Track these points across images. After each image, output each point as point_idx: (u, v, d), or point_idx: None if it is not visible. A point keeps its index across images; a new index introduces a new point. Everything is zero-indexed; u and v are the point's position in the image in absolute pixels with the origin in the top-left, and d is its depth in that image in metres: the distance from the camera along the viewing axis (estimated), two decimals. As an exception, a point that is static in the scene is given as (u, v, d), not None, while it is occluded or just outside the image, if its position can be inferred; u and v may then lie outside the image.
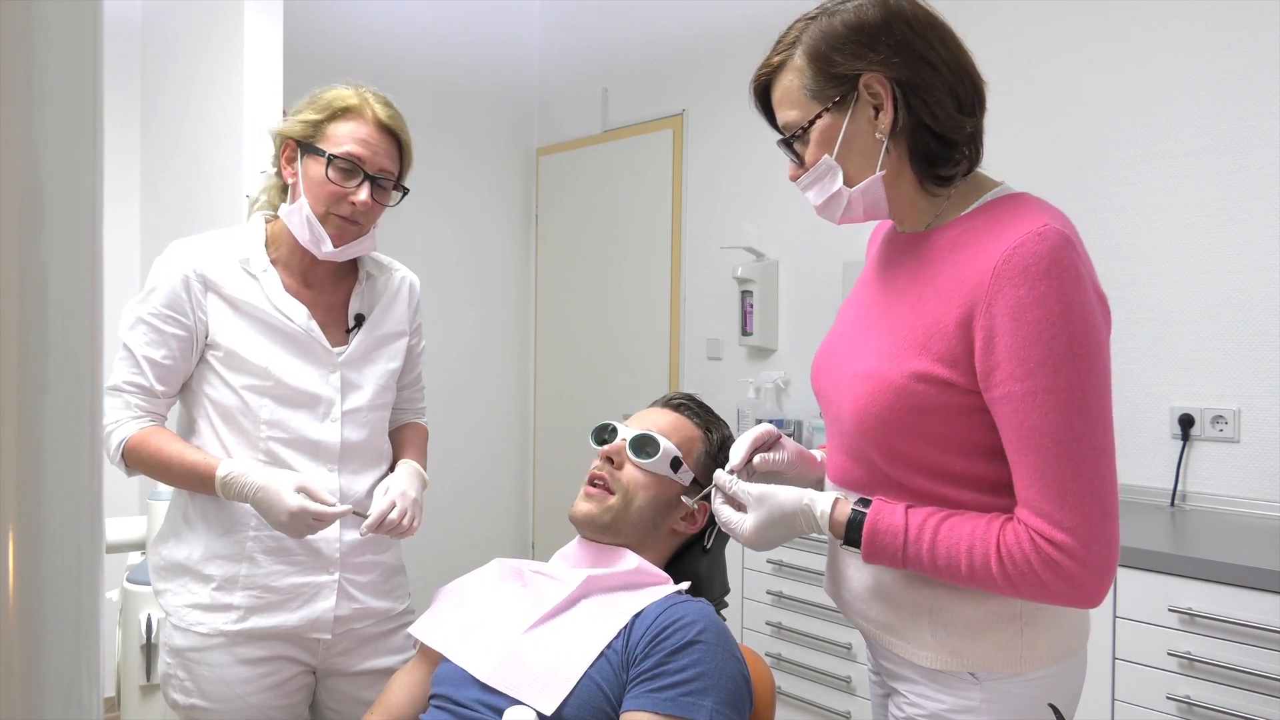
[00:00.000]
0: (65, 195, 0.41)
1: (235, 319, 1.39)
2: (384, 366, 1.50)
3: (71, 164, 0.41)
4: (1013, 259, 0.92)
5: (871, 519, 1.01)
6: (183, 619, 1.38)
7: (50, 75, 0.40)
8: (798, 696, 2.39)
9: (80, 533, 0.42)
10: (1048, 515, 0.92)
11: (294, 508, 1.28)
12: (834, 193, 1.06)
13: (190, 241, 1.43)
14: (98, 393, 0.43)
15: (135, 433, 1.36)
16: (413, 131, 1.50)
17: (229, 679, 1.37)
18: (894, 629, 1.08)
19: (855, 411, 1.04)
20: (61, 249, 0.40)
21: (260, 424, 1.38)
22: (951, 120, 1.01)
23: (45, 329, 0.40)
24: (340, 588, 1.42)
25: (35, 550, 0.40)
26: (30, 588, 0.39)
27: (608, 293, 3.66)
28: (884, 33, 0.99)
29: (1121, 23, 2.28)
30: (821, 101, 1.03)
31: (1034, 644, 1.01)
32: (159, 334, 1.36)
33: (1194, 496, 2.14)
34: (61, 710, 0.41)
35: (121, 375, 1.37)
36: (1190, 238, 2.17)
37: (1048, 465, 0.92)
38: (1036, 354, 0.91)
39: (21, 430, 0.39)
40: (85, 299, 0.42)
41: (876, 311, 1.10)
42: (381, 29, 3.45)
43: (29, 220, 0.39)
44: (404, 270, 1.59)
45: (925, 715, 1.05)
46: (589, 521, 1.28)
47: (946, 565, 0.97)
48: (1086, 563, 0.91)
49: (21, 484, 0.39)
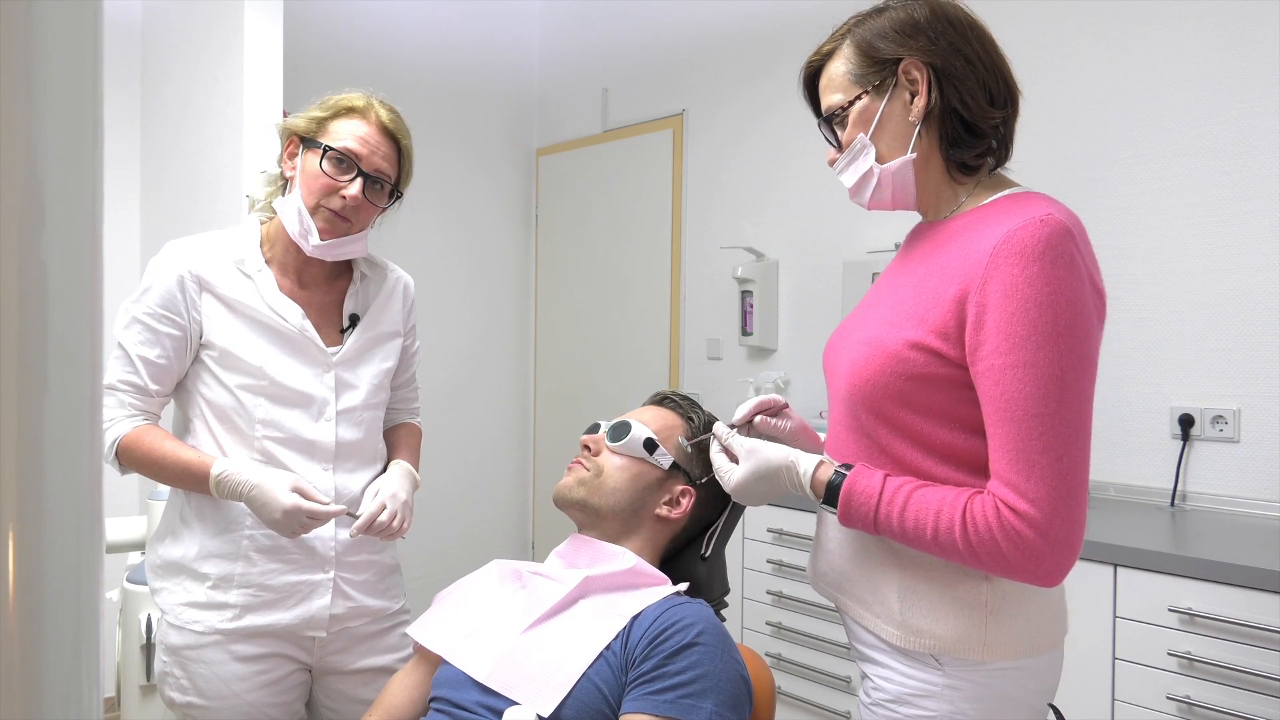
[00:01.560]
0: (65, 195, 0.41)
1: (230, 319, 1.40)
2: (378, 366, 1.51)
3: (71, 164, 0.41)
4: (1011, 240, 0.96)
5: (850, 481, 1.05)
6: (179, 617, 1.39)
7: (50, 75, 0.40)
8: (798, 696, 2.39)
9: (80, 533, 0.42)
10: (1014, 485, 0.95)
11: (288, 505, 1.30)
12: (866, 171, 1.13)
13: (185, 242, 1.44)
14: (98, 393, 0.43)
15: (129, 431, 1.37)
16: (413, 131, 1.51)
17: (225, 676, 1.38)
18: (864, 601, 1.11)
19: (850, 374, 1.09)
20: (61, 249, 0.40)
21: (255, 423, 1.39)
22: (981, 110, 1.08)
23: (45, 329, 0.40)
24: (336, 586, 1.43)
25: (35, 550, 0.40)
26: (30, 588, 0.39)
27: (608, 293, 3.66)
28: (926, 27, 1.08)
29: (1121, 23, 2.28)
30: (862, 85, 1.11)
31: (998, 633, 1.03)
32: (153, 333, 1.37)
33: (1194, 496, 2.14)
34: (61, 710, 0.41)
35: (115, 374, 1.38)
36: (1190, 238, 2.17)
37: (1020, 437, 0.95)
38: (1022, 329, 0.94)
39: (21, 430, 0.39)
40: (85, 299, 0.42)
41: (887, 290, 1.15)
42: (381, 29, 3.45)
43: (29, 220, 0.39)
44: (399, 271, 1.60)
45: (888, 698, 1.08)
46: (566, 493, 1.30)
47: (914, 529, 1.00)
48: (1046, 535, 0.94)
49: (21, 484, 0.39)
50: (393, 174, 1.46)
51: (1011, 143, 1.13)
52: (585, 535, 1.31)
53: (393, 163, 1.45)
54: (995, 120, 1.09)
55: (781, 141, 3.05)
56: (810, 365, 2.99)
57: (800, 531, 2.38)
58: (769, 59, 3.08)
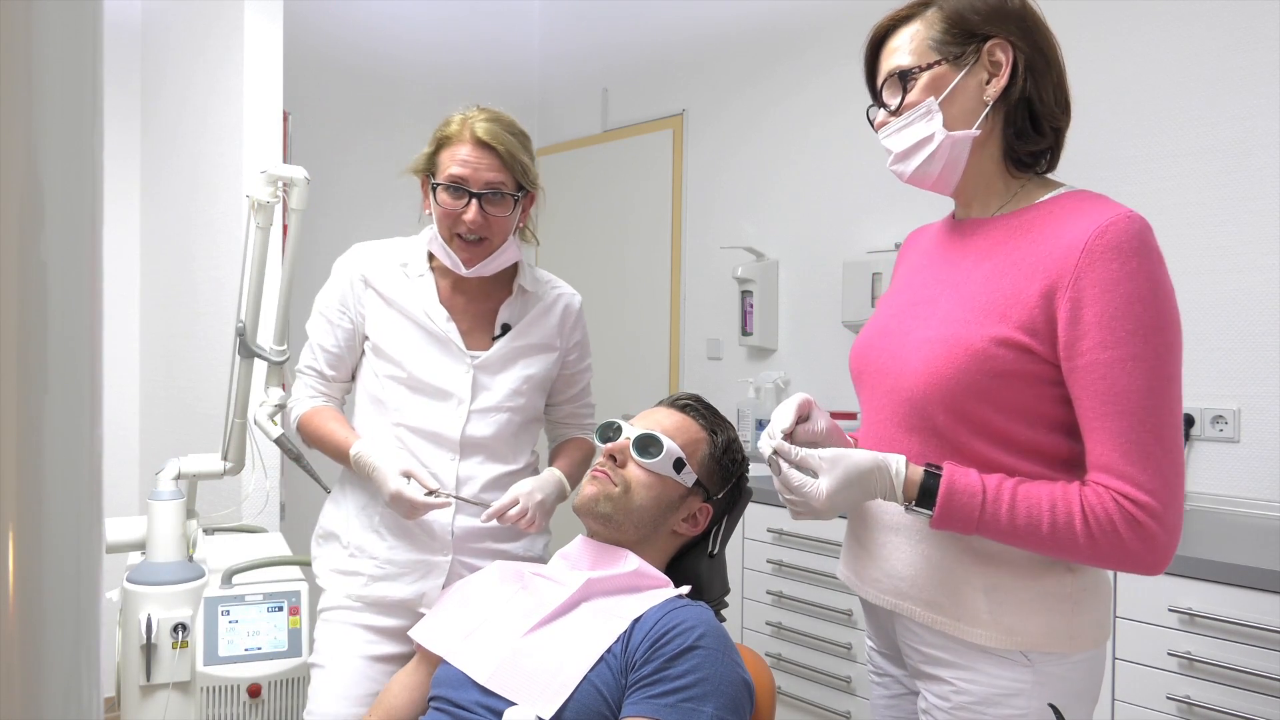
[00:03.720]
0: (65, 195, 0.41)
1: (386, 314, 1.55)
2: (520, 372, 1.58)
3: (71, 164, 0.41)
4: (1105, 235, 0.97)
5: (949, 479, 1.01)
6: (326, 581, 1.56)
7: (50, 75, 0.40)
8: (798, 696, 2.39)
9: (80, 533, 0.42)
10: (1130, 477, 0.96)
11: (393, 490, 1.41)
12: (926, 136, 1.09)
13: (366, 244, 1.62)
14: (98, 393, 0.43)
15: (306, 410, 1.58)
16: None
17: (346, 641, 1.50)
18: (942, 607, 1.07)
19: (926, 374, 1.05)
20: (61, 249, 0.40)
21: (393, 410, 1.53)
22: (1049, 109, 1.09)
23: (45, 329, 0.40)
24: (453, 569, 1.51)
25: (35, 550, 0.40)
26: (30, 588, 0.39)
27: (608, 293, 3.66)
28: (1019, 16, 1.09)
29: (1122, 23, 2.28)
30: (942, 53, 1.09)
31: (1081, 624, 1.03)
32: (330, 325, 1.57)
33: (1194, 496, 2.14)
34: (61, 710, 0.41)
35: (304, 360, 1.61)
36: (1190, 238, 2.17)
37: (1133, 429, 0.96)
38: (1127, 324, 0.96)
39: (21, 430, 0.39)
40: (85, 299, 0.42)
41: (941, 288, 1.12)
42: (381, 29, 3.45)
43: (29, 220, 0.39)
44: (564, 289, 1.68)
45: (974, 700, 1.05)
46: (592, 506, 1.28)
47: (1026, 525, 0.98)
48: (1165, 524, 0.95)
49: (21, 484, 0.39)
50: (505, 179, 1.49)
51: (1061, 151, 1.14)
52: (595, 540, 1.31)
53: (499, 170, 1.49)
54: (1060, 123, 1.10)
55: (781, 141, 3.05)
56: (810, 365, 2.98)
57: (800, 531, 2.38)
58: (769, 59, 3.08)
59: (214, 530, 2.16)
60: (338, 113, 3.35)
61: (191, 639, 1.65)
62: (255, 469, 2.02)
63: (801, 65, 2.95)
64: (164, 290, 2.94)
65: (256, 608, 1.71)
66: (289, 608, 1.73)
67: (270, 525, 2.36)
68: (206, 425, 2.51)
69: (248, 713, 1.65)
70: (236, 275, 1.90)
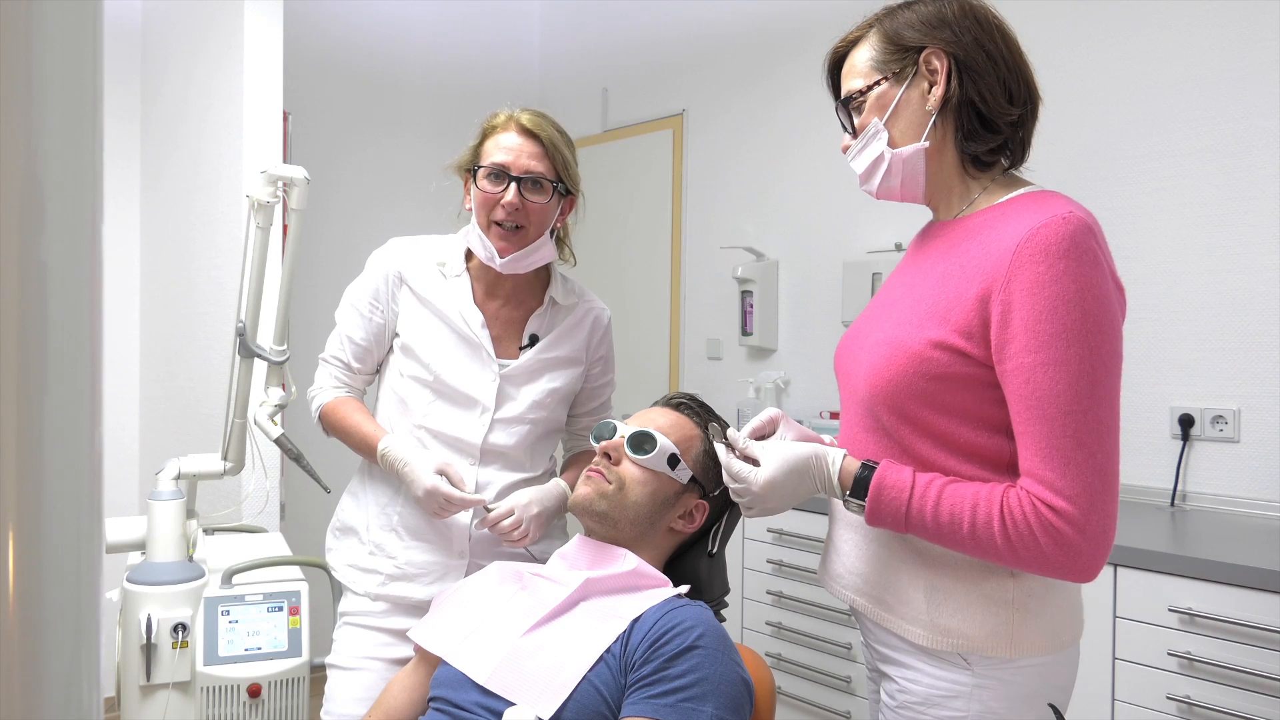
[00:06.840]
0: (65, 195, 0.41)
1: (419, 313, 1.54)
2: (545, 385, 1.57)
3: (71, 164, 0.41)
4: (1034, 239, 0.96)
5: (879, 476, 1.03)
6: (344, 576, 1.56)
7: (50, 75, 0.40)
8: (798, 696, 2.39)
9: (80, 533, 0.42)
10: (1049, 483, 0.95)
11: (429, 485, 1.40)
12: (877, 156, 1.12)
13: (403, 240, 1.61)
14: (98, 393, 0.43)
15: (330, 400, 1.57)
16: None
17: (362, 642, 1.51)
18: (887, 604, 1.09)
19: (870, 375, 1.08)
20: (61, 249, 0.40)
21: (416, 412, 1.52)
22: (998, 106, 1.09)
23: (45, 329, 0.40)
24: (469, 571, 1.50)
25: (35, 550, 0.40)
26: (30, 588, 0.39)
27: (608, 292, 3.63)
28: (953, 21, 1.09)
29: (1122, 22, 2.28)
30: (882, 71, 1.12)
31: (1025, 630, 1.02)
32: (360, 317, 1.56)
33: (1194, 496, 2.14)
34: (61, 710, 0.41)
35: (330, 349, 1.60)
36: (1190, 238, 2.17)
37: (1053, 434, 0.95)
38: (1050, 327, 0.94)
39: (21, 430, 0.39)
40: (85, 299, 0.42)
41: (902, 290, 1.14)
42: (381, 29, 3.45)
43: (29, 220, 0.39)
44: (595, 303, 1.69)
45: (915, 700, 1.06)
46: (588, 504, 1.28)
47: (949, 525, 0.99)
48: (1085, 531, 0.94)
49: (21, 484, 0.39)
50: (546, 169, 1.51)
51: (1029, 145, 1.14)
52: (593, 539, 1.31)
53: (541, 159, 1.51)
54: (1011, 117, 1.09)
55: (781, 141, 3.05)
56: (810, 365, 2.98)
57: (800, 532, 2.38)
58: (769, 59, 3.08)
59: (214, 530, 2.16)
60: (338, 113, 3.35)
61: (191, 639, 1.65)
62: (255, 469, 2.02)
63: (801, 65, 2.95)
64: (164, 290, 2.94)
65: (256, 608, 1.71)
66: (289, 608, 1.73)
67: (270, 525, 2.37)
68: (206, 425, 2.51)
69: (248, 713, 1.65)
70: (236, 275, 1.90)
